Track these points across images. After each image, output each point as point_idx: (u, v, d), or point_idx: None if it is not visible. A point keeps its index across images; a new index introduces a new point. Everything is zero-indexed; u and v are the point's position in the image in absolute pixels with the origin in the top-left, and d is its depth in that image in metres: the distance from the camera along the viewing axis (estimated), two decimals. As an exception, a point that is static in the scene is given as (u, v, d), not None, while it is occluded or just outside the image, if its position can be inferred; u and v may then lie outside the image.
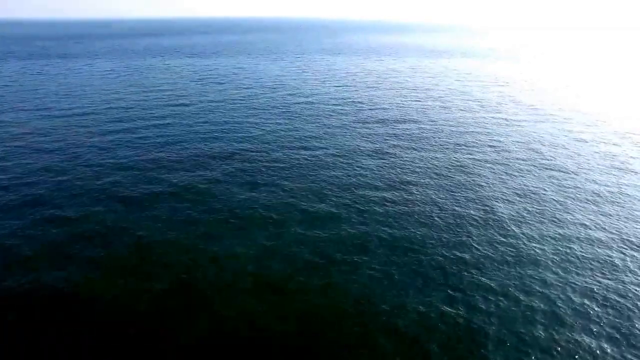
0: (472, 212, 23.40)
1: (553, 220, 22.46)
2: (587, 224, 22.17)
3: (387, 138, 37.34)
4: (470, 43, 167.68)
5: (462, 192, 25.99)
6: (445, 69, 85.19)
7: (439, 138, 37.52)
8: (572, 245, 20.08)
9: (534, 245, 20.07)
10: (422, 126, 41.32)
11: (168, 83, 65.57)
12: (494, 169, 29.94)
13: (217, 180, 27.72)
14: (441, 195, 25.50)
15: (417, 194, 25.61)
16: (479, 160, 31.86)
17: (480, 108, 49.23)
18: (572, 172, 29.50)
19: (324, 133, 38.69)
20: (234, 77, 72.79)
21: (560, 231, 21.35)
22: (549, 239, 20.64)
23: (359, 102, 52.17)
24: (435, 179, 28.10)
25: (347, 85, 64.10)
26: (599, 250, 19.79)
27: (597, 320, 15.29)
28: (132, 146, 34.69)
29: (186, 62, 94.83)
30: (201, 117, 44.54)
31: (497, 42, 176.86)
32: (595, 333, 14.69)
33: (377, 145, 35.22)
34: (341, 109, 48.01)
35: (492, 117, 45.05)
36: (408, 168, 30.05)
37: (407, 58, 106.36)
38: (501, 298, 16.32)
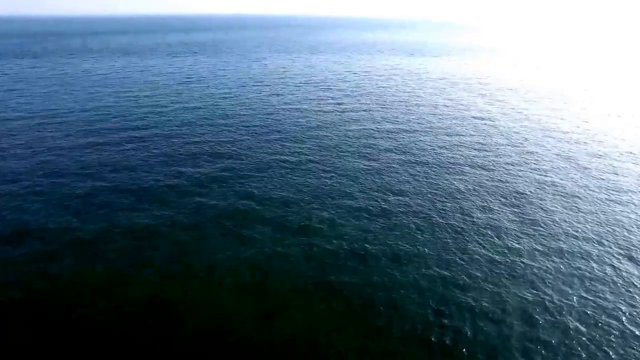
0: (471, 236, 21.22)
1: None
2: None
3: (374, 146, 35.07)
4: (458, 41, 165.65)
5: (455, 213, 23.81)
6: (432, 68, 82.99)
7: (429, 147, 35.31)
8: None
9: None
10: (409, 131, 39.10)
11: (146, 84, 62.84)
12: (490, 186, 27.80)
13: (191, 203, 25.38)
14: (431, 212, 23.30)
15: (405, 208, 23.39)
16: (471, 172, 29.71)
17: (466, 110, 47.07)
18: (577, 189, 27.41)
19: (307, 140, 36.36)
20: (214, 77, 70.21)
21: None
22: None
23: (343, 104, 49.84)
24: (424, 192, 25.89)
25: (330, 87, 61.68)
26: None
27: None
28: (92, 166, 32.22)
29: (166, 61, 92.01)
30: (178, 123, 42.11)
31: (486, 40, 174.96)
32: None
33: (365, 156, 32.94)
34: (324, 113, 45.67)
35: (486, 123, 42.93)
36: (396, 181, 27.82)
37: (393, 57, 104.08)
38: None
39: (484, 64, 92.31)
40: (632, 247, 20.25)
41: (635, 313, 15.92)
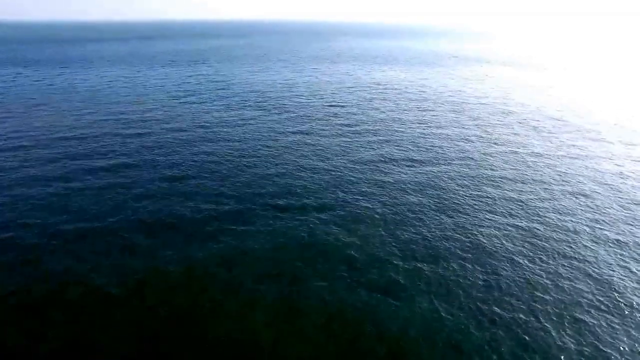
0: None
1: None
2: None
3: (390, 183, 29.07)
4: (467, 47, 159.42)
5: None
6: (438, 76, 76.91)
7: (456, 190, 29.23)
8: None
9: None
10: (424, 168, 33.08)
11: (132, 100, 57.10)
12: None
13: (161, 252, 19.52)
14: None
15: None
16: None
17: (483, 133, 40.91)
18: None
19: (308, 177, 30.46)
20: (214, 90, 64.62)
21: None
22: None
23: (351, 124, 43.91)
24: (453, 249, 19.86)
25: (339, 103, 55.78)
26: None
27: None
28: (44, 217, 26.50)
29: (162, 72, 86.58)
30: (161, 152, 36.39)
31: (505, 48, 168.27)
32: None
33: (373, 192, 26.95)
34: (328, 141, 39.76)
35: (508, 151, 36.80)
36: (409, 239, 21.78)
37: (401, 66, 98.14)
38: None
39: (505, 76, 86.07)
40: None
41: None
